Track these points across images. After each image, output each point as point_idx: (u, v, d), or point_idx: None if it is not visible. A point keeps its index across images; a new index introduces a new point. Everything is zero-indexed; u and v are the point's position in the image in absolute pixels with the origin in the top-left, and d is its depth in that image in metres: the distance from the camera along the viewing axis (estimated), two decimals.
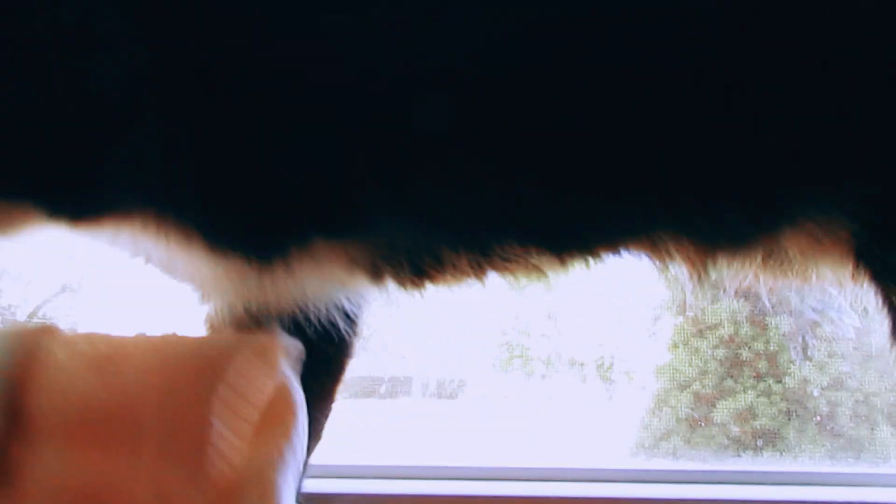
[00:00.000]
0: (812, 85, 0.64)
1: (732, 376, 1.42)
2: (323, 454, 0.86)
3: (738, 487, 0.98)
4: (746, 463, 1.32)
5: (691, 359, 1.44)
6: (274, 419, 0.60)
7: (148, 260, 0.72)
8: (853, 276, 0.67)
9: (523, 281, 0.72)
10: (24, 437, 0.57)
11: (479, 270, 0.71)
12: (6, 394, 0.58)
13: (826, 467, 1.13)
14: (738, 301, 1.43)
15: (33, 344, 0.60)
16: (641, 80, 0.64)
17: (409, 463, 1.03)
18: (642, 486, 0.97)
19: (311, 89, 0.64)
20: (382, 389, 1.50)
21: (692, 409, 1.41)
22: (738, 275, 0.70)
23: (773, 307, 1.40)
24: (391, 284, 0.72)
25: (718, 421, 1.39)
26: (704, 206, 0.67)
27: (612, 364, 1.55)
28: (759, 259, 0.69)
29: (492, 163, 0.67)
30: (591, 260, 0.71)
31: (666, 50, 0.64)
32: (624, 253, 0.71)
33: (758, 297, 1.37)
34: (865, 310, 0.67)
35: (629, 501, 0.94)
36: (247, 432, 0.58)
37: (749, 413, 1.38)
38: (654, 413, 1.46)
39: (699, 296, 0.80)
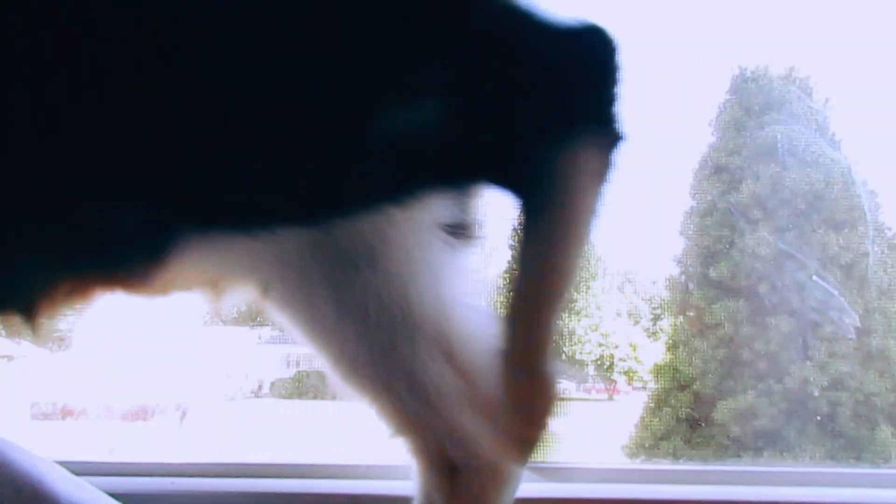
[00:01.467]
0: None
1: (732, 376, 1.42)
2: (323, 454, 0.86)
3: (738, 487, 0.97)
4: (746, 463, 1.32)
5: (691, 359, 1.44)
6: None
7: None
8: None
9: None
10: None
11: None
12: None
13: (826, 467, 1.12)
14: (738, 301, 1.43)
15: None
16: None
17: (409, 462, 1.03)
18: (642, 487, 0.97)
19: None
20: None
21: (692, 409, 1.41)
22: None
23: (773, 307, 1.40)
24: None
25: (718, 421, 1.39)
26: None
27: (612, 364, 1.55)
28: None
29: None
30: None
31: None
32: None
33: (759, 297, 1.38)
34: None
35: (629, 501, 0.94)
36: None
37: (749, 413, 1.38)
38: (654, 413, 1.46)
39: None
